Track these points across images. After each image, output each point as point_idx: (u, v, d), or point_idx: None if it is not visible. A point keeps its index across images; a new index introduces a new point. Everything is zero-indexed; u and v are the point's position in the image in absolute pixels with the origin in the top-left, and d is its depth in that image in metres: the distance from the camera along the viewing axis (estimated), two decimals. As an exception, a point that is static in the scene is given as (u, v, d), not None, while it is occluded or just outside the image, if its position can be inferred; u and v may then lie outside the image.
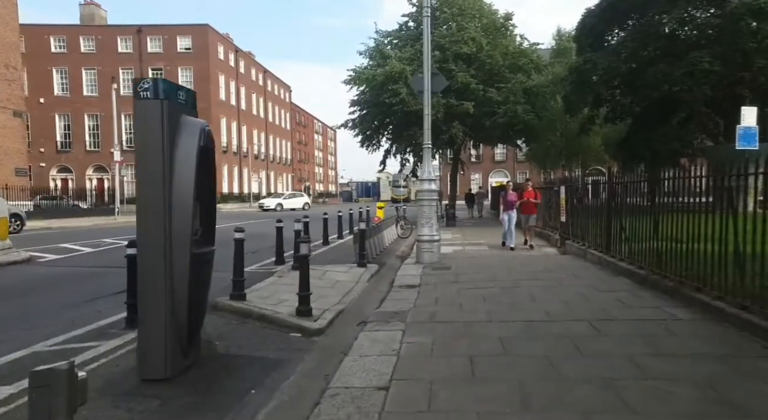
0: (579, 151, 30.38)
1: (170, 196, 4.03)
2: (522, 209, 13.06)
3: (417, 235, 10.85)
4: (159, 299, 3.99)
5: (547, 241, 14.54)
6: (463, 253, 12.35)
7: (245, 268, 9.95)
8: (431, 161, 10.99)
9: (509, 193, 13.15)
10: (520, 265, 10.08)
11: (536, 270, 9.37)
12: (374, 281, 9.00)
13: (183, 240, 4.06)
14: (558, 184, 14.32)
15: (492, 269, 9.62)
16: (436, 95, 21.48)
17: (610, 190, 9.45)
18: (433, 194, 10.75)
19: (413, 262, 10.73)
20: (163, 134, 4.00)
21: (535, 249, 12.82)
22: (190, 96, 4.53)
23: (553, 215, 14.59)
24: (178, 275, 4.06)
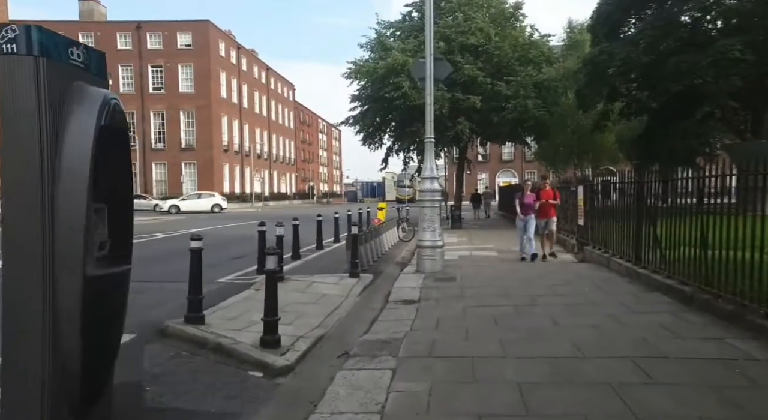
0: (591, 149, 29.02)
1: (53, 195, 2.82)
2: (539, 213, 10.96)
3: (418, 241, 9.62)
4: (32, 347, 2.79)
5: (563, 247, 13.26)
6: (470, 260, 11.10)
7: (221, 279, 8.86)
8: (434, 157, 9.76)
9: (527, 194, 10.97)
10: (536, 275, 8.82)
11: (554, 282, 8.11)
12: (367, 295, 7.77)
13: (73, 257, 2.85)
14: (575, 183, 13.03)
15: (503, 280, 8.37)
16: (440, 89, 20.36)
17: (642, 189, 8.17)
18: (435, 194, 9.51)
19: (413, 271, 9.50)
20: (39, 108, 2.79)
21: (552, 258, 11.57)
22: (95, 58, 3.31)
23: (570, 218, 13.30)
24: (66, 309, 2.85)
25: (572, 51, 28.34)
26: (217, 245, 13.72)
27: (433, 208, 9.48)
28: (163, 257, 11.55)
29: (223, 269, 9.67)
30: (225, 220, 26.86)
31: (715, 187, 6.14)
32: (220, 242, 14.58)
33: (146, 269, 9.31)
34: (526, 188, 11.46)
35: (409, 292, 7.61)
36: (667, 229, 7.05)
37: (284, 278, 8.07)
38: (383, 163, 23.98)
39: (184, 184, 46.61)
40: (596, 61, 18.51)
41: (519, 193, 11.15)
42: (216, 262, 10.53)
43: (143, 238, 15.97)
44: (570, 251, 12.39)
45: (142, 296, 7.41)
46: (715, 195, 6.19)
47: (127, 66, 48.00)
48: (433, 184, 9.53)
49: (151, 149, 48.66)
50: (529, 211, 10.69)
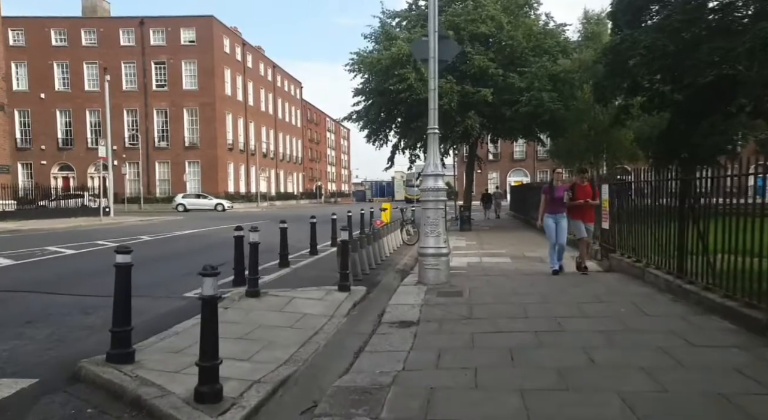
0: (608, 146, 27.52)
1: None
2: (573, 213, 8.84)
3: (419, 247, 8.34)
4: None
5: (584, 252, 11.91)
6: (480, 270, 9.79)
7: (190, 292, 7.61)
8: (438, 152, 8.46)
9: (559, 186, 8.71)
10: (558, 289, 7.50)
11: (581, 298, 6.79)
12: (357, 314, 6.50)
13: None
14: (598, 181, 11.64)
15: (519, 296, 7.06)
16: (449, 81, 19.06)
17: (687, 187, 6.82)
18: (440, 194, 8.22)
19: (414, 283, 8.21)
20: None
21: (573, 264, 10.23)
22: None
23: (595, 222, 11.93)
24: None
25: (589, 42, 26.85)
26: (203, 249, 12.57)
27: (437, 210, 8.18)
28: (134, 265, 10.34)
29: (197, 280, 8.42)
30: (228, 220, 25.72)
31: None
32: (207, 245, 13.45)
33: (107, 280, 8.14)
34: (557, 178, 8.97)
35: (406, 311, 6.34)
36: (722, 234, 5.72)
37: (260, 293, 6.82)
38: (389, 161, 22.72)
39: (187, 184, 45.61)
40: (618, 50, 17.07)
41: (546, 186, 8.95)
42: (193, 271, 9.28)
43: (124, 242, 14.82)
44: (593, 258, 11.03)
45: (87, 318, 6.24)
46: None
47: (130, 63, 47.11)
48: (437, 182, 8.24)
49: (154, 148, 47.76)
50: (561, 208, 8.57)
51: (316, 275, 9.12)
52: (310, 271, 9.61)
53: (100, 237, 15.96)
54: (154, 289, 7.61)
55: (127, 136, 47.55)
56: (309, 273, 9.41)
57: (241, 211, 42.57)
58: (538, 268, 9.79)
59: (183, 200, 42.61)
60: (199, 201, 42.75)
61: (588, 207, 8.97)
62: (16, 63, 46.94)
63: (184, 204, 42.01)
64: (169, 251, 12.92)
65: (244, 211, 42.49)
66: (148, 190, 47.35)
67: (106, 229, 20.50)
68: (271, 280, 8.53)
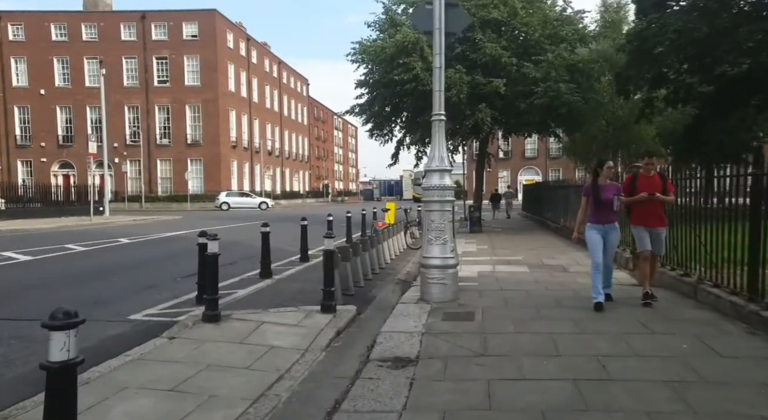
0: (628, 142, 25.93)
1: None
2: (634, 216, 6.53)
3: (422, 257, 6.94)
4: None
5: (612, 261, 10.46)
6: (493, 280, 8.37)
7: (142, 312, 6.20)
8: (444, 142, 7.04)
9: (607, 184, 6.34)
10: (594, 314, 6.07)
11: (625, 326, 5.36)
12: (339, 346, 5.12)
13: None
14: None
15: (545, 322, 5.64)
16: (458, 71, 17.63)
17: (759, 183, 5.37)
18: (446, 193, 6.81)
19: (416, 300, 6.82)
20: None
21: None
22: None
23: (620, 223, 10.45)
24: None
25: (607, 31, 25.24)
26: (179, 255, 11.26)
27: (443, 212, 6.78)
28: (89, 275, 9.03)
29: (157, 294, 7.13)
30: (225, 221, 24.42)
31: None
32: (185, 251, 12.08)
33: (49, 295, 6.83)
34: (606, 173, 6.40)
35: (403, 342, 4.96)
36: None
37: (220, 317, 5.45)
38: (393, 157, 21.27)
39: (189, 182, 44.45)
40: (644, 36, 15.54)
41: (588, 185, 6.54)
42: (157, 282, 8.02)
43: (97, 245, 13.48)
44: (623, 267, 9.58)
45: None
46: None
47: (131, 58, 46.05)
48: (443, 179, 6.83)
49: (156, 145, 46.67)
50: (611, 215, 6.26)
51: (300, 289, 7.75)
52: (294, 284, 8.23)
53: (76, 240, 14.68)
54: (96, 309, 6.27)
55: (128, 134, 46.52)
56: (292, 286, 8.03)
57: (245, 210, 41.33)
58: (561, 280, 8.37)
59: (227, 198, 42.26)
60: (243, 200, 42.66)
61: (656, 206, 6.33)
62: (16, 58, 46.08)
63: (228, 202, 41.57)
64: (139, 258, 11.55)
65: (247, 210, 41.25)
66: (149, 188, 46.27)
67: (90, 230, 19.28)
68: (244, 296, 7.17)
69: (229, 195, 43.27)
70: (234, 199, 42.11)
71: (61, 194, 29.82)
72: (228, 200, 41.77)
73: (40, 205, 27.31)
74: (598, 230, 6.28)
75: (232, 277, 8.42)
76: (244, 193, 44.75)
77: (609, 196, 6.22)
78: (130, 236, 15.92)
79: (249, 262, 10.02)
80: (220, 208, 40.58)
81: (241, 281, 8.19)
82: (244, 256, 11.17)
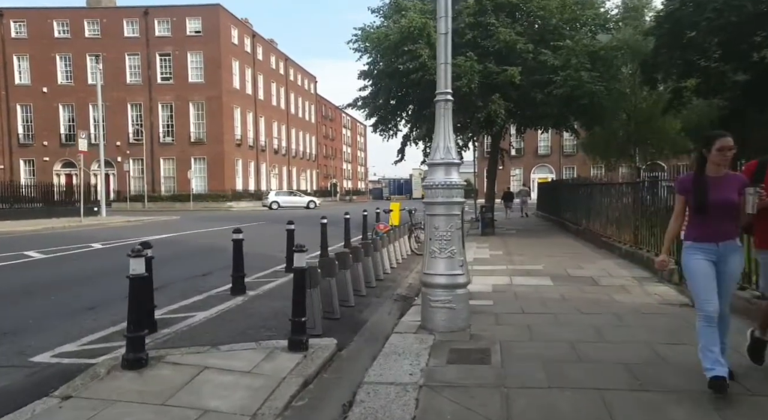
0: (651, 138, 24.24)
1: None
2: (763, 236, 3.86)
3: (423, 273, 5.51)
4: None
5: (646, 268, 8.98)
6: (512, 297, 6.92)
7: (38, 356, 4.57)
8: (451, 130, 5.60)
9: (722, 176, 3.65)
10: (646, 345, 4.59)
11: (690, 367, 3.88)
12: (302, 409, 3.68)
13: None
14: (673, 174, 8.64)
15: (588, 366, 4.18)
16: (469, 58, 16.17)
17: None
18: (453, 192, 5.37)
19: (416, 329, 5.39)
20: None
21: (640, 289, 7.33)
22: None
23: (660, 227, 8.94)
24: None
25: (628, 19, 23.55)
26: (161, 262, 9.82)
27: (449, 217, 5.34)
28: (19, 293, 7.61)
29: (92, 320, 5.75)
30: (224, 222, 23.11)
31: None
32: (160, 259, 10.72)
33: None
34: (721, 158, 3.62)
35: (391, 402, 3.54)
36: None
37: (146, 361, 4.03)
38: (398, 154, 19.82)
39: (192, 181, 43.33)
40: (677, 17, 13.98)
41: (686, 178, 3.86)
42: (101, 302, 6.65)
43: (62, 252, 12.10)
44: (665, 279, 8.07)
45: None
46: None
47: (134, 55, 45.04)
48: (449, 175, 5.40)
49: (159, 143, 45.62)
50: (727, 227, 3.67)
51: (276, 310, 6.32)
52: (271, 303, 6.81)
53: (43, 245, 13.30)
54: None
55: (131, 132, 45.54)
56: (268, 306, 6.62)
57: (247, 209, 40.16)
58: (593, 297, 6.91)
59: (276, 197, 42.98)
60: (292, 198, 43.42)
61: None
62: (18, 56, 45.30)
63: (278, 201, 42.18)
64: (97, 268, 9.82)
65: (250, 210, 40.06)
66: (152, 188, 45.23)
67: (70, 233, 18.03)
68: (201, 321, 5.76)
69: (278, 194, 44.21)
70: (283, 198, 42.89)
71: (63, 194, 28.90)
72: (277, 199, 42.48)
73: (42, 205, 26.48)
74: (707, 253, 3.62)
75: (198, 294, 7.06)
76: (293, 192, 45.86)
77: (728, 196, 3.60)
78: (108, 240, 14.63)
79: (226, 273, 8.65)
80: (270, 207, 40.81)
81: (207, 299, 6.81)
82: (225, 264, 9.76)
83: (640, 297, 7.04)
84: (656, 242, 9.11)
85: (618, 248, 11.02)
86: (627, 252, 10.43)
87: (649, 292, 7.34)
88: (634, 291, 7.45)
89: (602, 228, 12.76)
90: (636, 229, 10.21)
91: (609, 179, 13.04)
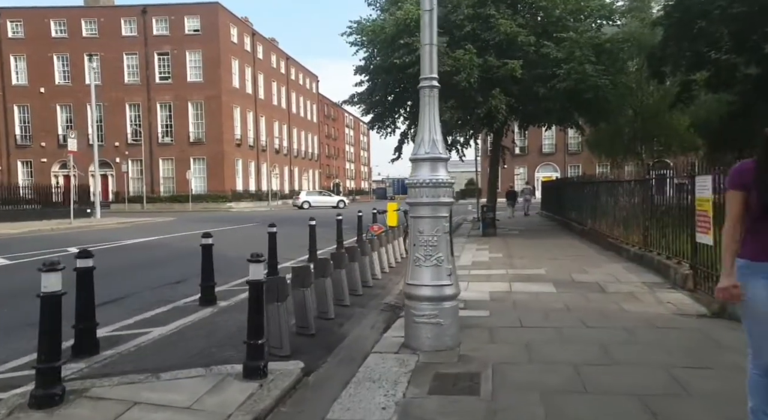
0: (659, 134, 23.45)
1: None
2: None
3: (406, 284, 4.83)
4: None
5: (657, 273, 8.28)
6: (510, 308, 6.24)
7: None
8: (437, 120, 4.94)
9: None
10: (662, 369, 3.91)
11: (718, 400, 3.20)
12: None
13: None
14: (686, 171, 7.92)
15: (595, 399, 3.50)
16: (468, 51, 15.48)
17: None
18: (440, 191, 4.71)
19: (397, 348, 4.73)
20: None
21: (651, 297, 6.65)
22: None
23: (672, 228, 8.23)
24: None
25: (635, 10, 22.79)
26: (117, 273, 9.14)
27: (435, 219, 4.68)
28: None
29: (25, 341, 5.02)
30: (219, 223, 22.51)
31: None
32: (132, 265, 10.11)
33: None
34: None
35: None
36: None
37: (61, 397, 3.33)
38: (395, 151, 19.09)
39: (192, 182, 42.77)
40: (687, 5, 13.24)
41: (741, 168, 2.66)
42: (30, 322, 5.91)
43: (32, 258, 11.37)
44: (678, 285, 7.38)
45: None
46: None
47: (132, 54, 44.51)
48: (436, 172, 4.74)
49: (158, 144, 45.07)
50: None
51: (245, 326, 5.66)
52: (240, 316, 6.01)
53: (17, 250, 12.60)
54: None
55: (129, 132, 45.04)
56: (237, 319, 5.94)
57: (247, 210, 39.59)
58: (600, 307, 6.25)
59: (308, 197, 44.01)
60: (322, 198, 44.76)
61: None
62: (15, 56, 44.87)
63: (309, 201, 42.93)
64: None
65: (249, 210, 39.48)
66: (151, 188, 44.71)
67: (56, 236, 17.42)
68: (155, 338, 5.09)
69: (309, 194, 45.57)
70: (314, 198, 43.97)
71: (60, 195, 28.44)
72: (308, 199, 43.43)
73: (39, 207, 26.12)
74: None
75: (164, 305, 6.41)
76: (322, 192, 47.07)
77: None
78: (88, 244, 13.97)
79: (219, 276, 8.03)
80: (301, 207, 41.47)
81: (172, 311, 6.15)
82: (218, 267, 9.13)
83: (651, 306, 6.36)
84: (667, 244, 8.42)
85: (626, 250, 10.34)
86: (636, 254, 9.73)
87: (661, 301, 6.66)
88: (645, 299, 6.77)
89: (609, 228, 12.07)
90: (646, 230, 9.52)
91: (616, 176, 12.32)
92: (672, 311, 6.13)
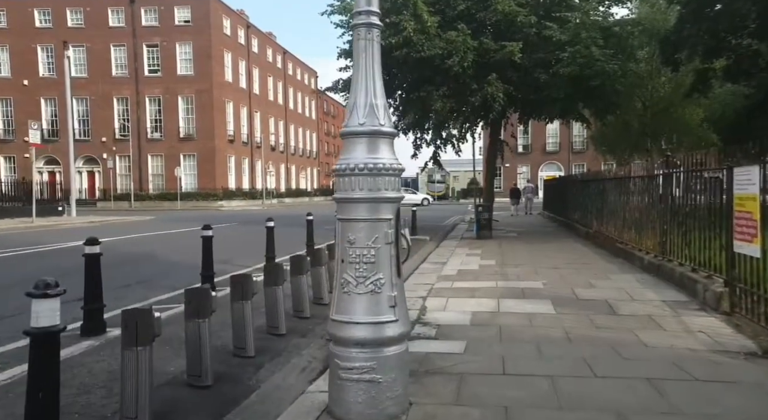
0: (670, 130, 21.84)
1: None
2: None
3: (330, 321, 3.26)
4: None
5: (680, 288, 6.71)
6: (494, 339, 4.68)
7: None
8: (379, 74, 3.38)
9: None
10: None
11: None
12: None
13: None
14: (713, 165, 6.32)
15: None
16: (462, 32, 13.96)
17: None
18: (380, 182, 3.13)
19: (317, 416, 3.17)
20: None
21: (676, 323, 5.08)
22: None
23: (699, 233, 6.63)
24: None
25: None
26: (27, 281, 7.63)
27: (375, 222, 3.11)
28: None
29: None
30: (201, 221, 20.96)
31: None
32: (70, 269, 8.56)
33: None
34: None
35: None
36: None
37: None
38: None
39: (182, 179, 41.27)
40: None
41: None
42: None
43: None
44: (709, 306, 5.80)
45: None
46: None
47: (120, 46, 43.02)
48: (375, 154, 3.16)
49: (147, 139, 43.58)
50: None
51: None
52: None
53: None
54: None
55: (117, 127, 43.57)
56: (115, 361, 4.40)
57: (238, 209, 38.05)
58: (611, 338, 4.70)
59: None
60: (407, 195, 45.77)
61: None
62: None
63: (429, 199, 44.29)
64: None
65: (240, 209, 37.94)
66: (140, 186, 43.22)
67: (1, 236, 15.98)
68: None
69: None
70: None
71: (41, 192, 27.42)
72: None
73: (22, 204, 25.09)
74: None
75: (26, 337, 4.86)
76: (408, 189, 45.95)
77: None
78: (26, 247, 12.41)
79: (142, 289, 6.59)
80: None
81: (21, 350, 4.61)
82: (151, 276, 7.70)
83: (679, 337, 4.81)
84: (692, 253, 6.84)
85: (639, 258, 8.78)
86: (651, 264, 8.17)
87: (690, 329, 5.10)
88: (669, 326, 5.22)
89: (617, 232, 10.52)
90: (663, 235, 7.94)
91: (626, 172, 10.74)
92: (708, 346, 4.57)
